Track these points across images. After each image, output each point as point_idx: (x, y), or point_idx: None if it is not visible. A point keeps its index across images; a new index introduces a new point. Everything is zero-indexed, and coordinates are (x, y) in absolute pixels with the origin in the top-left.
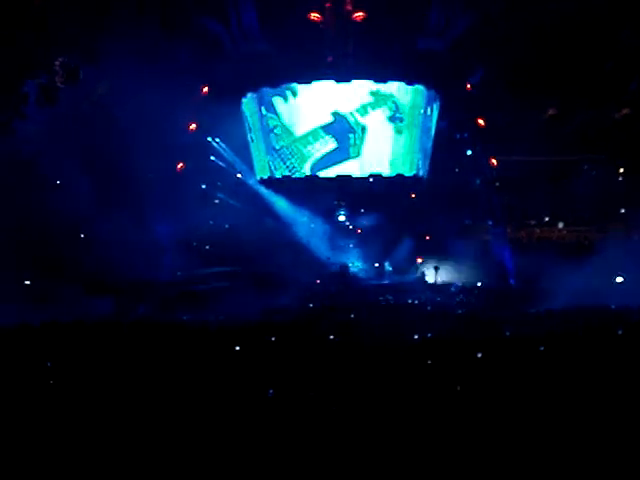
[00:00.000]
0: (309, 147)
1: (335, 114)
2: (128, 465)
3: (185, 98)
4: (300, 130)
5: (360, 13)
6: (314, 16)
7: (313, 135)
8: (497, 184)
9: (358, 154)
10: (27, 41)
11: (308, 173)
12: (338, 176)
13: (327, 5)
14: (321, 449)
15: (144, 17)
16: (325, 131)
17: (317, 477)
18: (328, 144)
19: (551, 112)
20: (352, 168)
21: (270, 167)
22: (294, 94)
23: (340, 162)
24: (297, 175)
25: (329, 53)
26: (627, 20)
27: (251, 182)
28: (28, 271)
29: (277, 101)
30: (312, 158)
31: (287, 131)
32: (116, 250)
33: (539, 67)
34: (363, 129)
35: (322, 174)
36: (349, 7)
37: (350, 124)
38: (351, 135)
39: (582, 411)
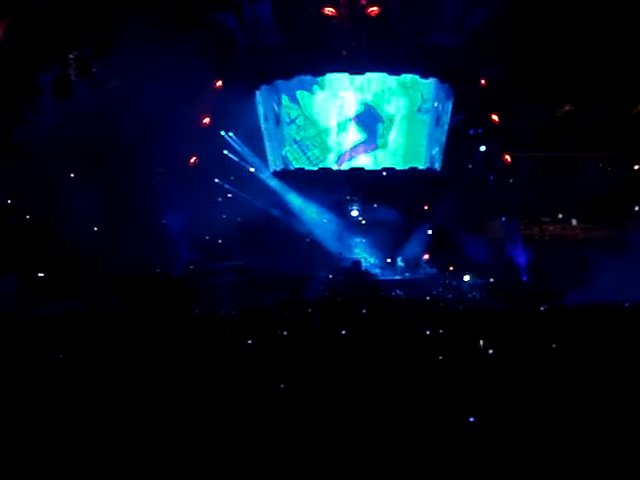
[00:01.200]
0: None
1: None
2: (141, 457)
3: (198, 92)
4: (326, 121)
5: (374, 8)
6: (328, 10)
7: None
8: (511, 180)
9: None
10: (41, 35)
11: (333, 164)
12: (352, 169)
13: (341, 0)
14: (333, 443)
15: (158, 11)
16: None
17: (329, 472)
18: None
19: (567, 108)
20: (365, 161)
21: (285, 159)
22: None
23: (355, 154)
24: (321, 166)
25: (343, 47)
26: None
27: (264, 176)
28: (41, 266)
29: (301, 93)
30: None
31: (311, 122)
32: (129, 244)
33: (554, 63)
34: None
35: (336, 167)
36: (363, 1)
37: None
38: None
39: (592, 408)
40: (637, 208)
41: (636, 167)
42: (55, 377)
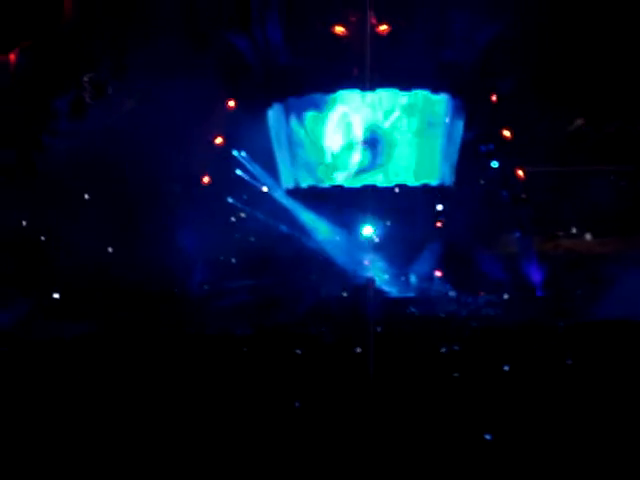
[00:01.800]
0: (340, 158)
1: (367, 124)
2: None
3: (211, 112)
4: (331, 141)
5: (384, 26)
6: (338, 30)
7: (345, 147)
8: (524, 196)
9: (387, 163)
10: (56, 57)
11: (337, 184)
12: (364, 186)
13: (351, 19)
14: (349, 461)
15: (170, 32)
16: (358, 142)
17: None
18: (360, 155)
19: (579, 122)
20: (378, 177)
21: (296, 177)
22: (331, 106)
23: (370, 171)
24: (324, 185)
25: (354, 65)
26: None
27: (277, 195)
28: (55, 287)
29: (307, 113)
30: (347, 169)
31: (320, 142)
32: (144, 265)
33: (566, 77)
34: (392, 138)
35: (350, 184)
36: (374, 20)
37: (381, 133)
38: (381, 144)
39: (609, 424)
40: None
41: None
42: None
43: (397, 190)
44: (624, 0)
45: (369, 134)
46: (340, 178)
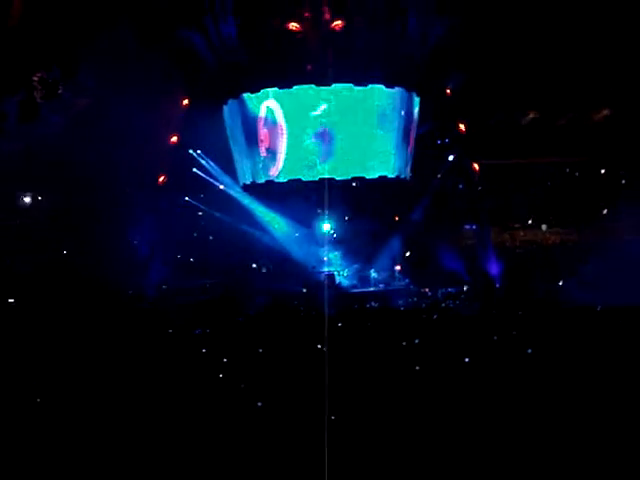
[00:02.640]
0: (302, 150)
1: (319, 117)
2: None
3: (165, 110)
4: (292, 134)
5: (339, 22)
6: (292, 26)
7: (298, 139)
8: (480, 188)
9: (343, 157)
10: (5, 57)
11: (292, 177)
12: (321, 179)
13: (305, 15)
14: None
15: (123, 29)
16: (310, 135)
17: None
18: (313, 147)
19: (532, 115)
20: (335, 171)
21: (254, 172)
22: (286, 100)
23: (326, 165)
24: (280, 179)
25: (308, 61)
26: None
27: (234, 193)
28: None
29: (267, 107)
30: (305, 161)
31: (277, 135)
32: (98, 265)
33: (518, 70)
34: (348, 131)
35: (306, 178)
36: (327, 16)
37: (333, 127)
38: (334, 137)
39: (569, 407)
40: (605, 212)
41: (602, 171)
42: None
43: (354, 184)
44: None
45: (325, 128)
46: (297, 172)
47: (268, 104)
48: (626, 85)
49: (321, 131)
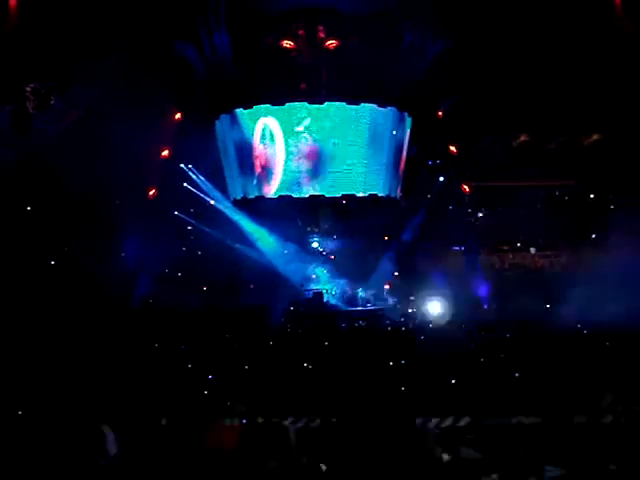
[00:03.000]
0: (285, 168)
1: (310, 135)
2: None
3: (158, 124)
4: (282, 151)
5: (333, 41)
6: (287, 43)
7: (289, 156)
8: (469, 210)
9: (331, 174)
10: None
11: (283, 194)
12: (311, 196)
13: (300, 33)
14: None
15: (117, 42)
16: (300, 152)
17: None
18: (304, 164)
19: (523, 138)
20: (325, 188)
21: (244, 188)
22: (278, 118)
23: (315, 181)
24: (271, 195)
25: (302, 79)
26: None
27: (224, 209)
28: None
29: (257, 124)
30: (295, 178)
31: (269, 154)
32: (87, 278)
33: (510, 94)
34: (337, 149)
35: (296, 195)
36: (322, 35)
37: (324, 145)
38: (325, 155)
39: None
40: (593, 236)
41: (592, 195)
42: None
43: (344, 202)
44: (568, 24)
45: (316, 145)
46: (288, 189)
47: (266, 121)
48: (616, 111)
49: (312, 148)
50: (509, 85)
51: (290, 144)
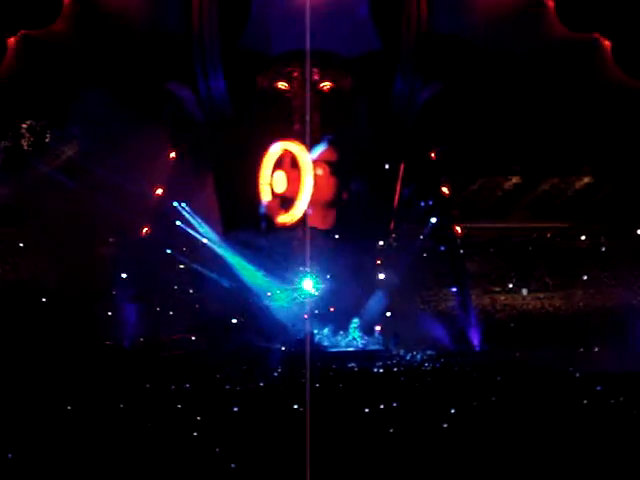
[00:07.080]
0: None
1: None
2: None
3: (152, 163)
4: (272, 190)
5: (327, 83)
6: (282, 85)
7: (285, 195)
8: (461, 251)
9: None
10: None
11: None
12: (303, 228)
13: (294, 75)
14: None
15: (113, 81)
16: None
17: None
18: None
19: (515, 180)
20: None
21: (238, 225)
22: (266, 158)
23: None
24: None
25: (296, 121)
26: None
27: (217, 248)
28: None
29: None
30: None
31: (258, 192)
32: (78, 316)
33: (502, 135)
34: (328, 187)
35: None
36: (316, 77)
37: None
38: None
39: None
40: (585, 278)
41: (583, 238)
42: None
43: (336, 235)
44: (557, 68)
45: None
46: (281, 223)
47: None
48: (608, 153)
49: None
50: (501, 127)
51: (279, 184)
